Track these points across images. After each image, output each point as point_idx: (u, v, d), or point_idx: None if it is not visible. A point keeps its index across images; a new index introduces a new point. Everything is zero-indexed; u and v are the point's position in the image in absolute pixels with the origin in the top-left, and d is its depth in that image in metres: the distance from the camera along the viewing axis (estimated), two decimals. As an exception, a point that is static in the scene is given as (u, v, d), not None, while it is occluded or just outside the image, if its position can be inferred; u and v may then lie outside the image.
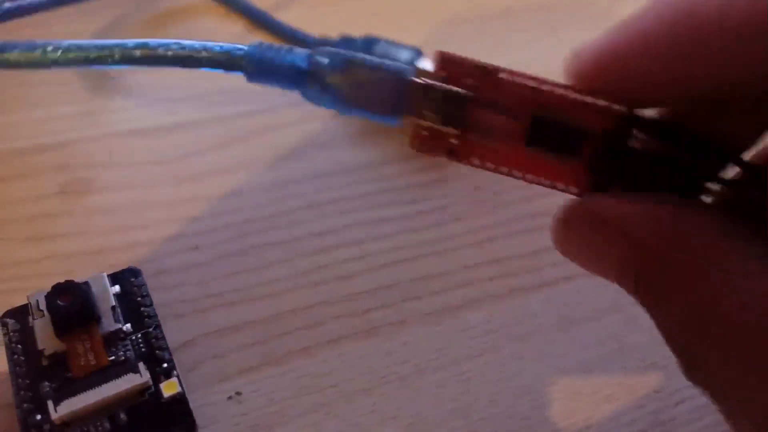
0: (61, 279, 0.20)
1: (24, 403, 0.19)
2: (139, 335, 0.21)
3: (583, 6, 0.37)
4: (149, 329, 0.21)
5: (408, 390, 0.21)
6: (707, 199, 0.16)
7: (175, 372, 0.20)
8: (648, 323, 0.22)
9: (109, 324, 0.21)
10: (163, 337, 0.21)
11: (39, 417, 0.19)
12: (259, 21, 0.33)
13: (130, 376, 0.19)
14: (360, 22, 0.34)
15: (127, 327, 0.21)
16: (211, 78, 0.31)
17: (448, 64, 0.16)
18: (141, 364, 0.20)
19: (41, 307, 0.20)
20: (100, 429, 0.19)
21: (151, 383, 0.20)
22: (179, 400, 0.20)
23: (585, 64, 0.15)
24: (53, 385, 0.19)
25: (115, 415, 0.19)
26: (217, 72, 0.18)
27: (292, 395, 0.21)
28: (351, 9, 0.35)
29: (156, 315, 0.21)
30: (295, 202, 0.26)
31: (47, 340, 0.20)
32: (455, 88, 0.16)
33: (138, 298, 0.22)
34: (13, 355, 0.20)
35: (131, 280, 0.22)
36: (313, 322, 0.23)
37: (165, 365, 0.20)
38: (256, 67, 0.18)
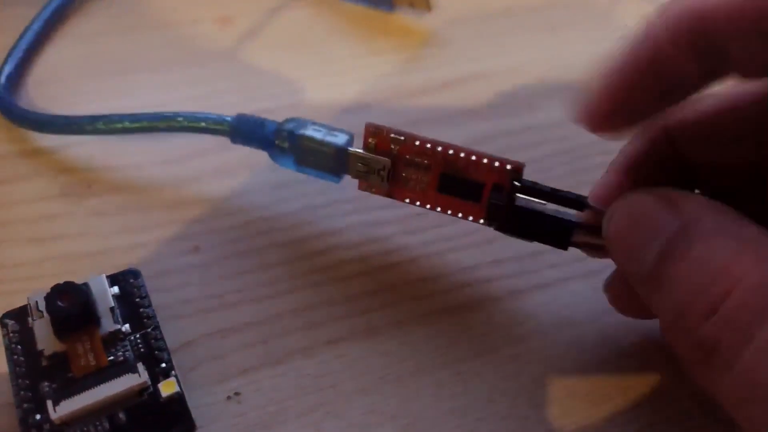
0: (61, 280, 0.21)
1: (24, 403, 0.19)
2: (138, 336, 0.21)
3: (583, 6, 0.37)
4: (148, 330, 0.21)
5: (406, 390, 0.21)
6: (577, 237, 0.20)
7: (173, 372, 0.20)
8: (644, 325, 0.23)
9: (108, 325, 0.21)
10: (162, 338, 0.21)
11: (39, 417, 0.19)
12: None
13: (128, 376, 0.19)
14: (361, 22, 0.34)
15: (126, 328, 0.21)
16: (211, 79, 0.31)
17: (375, 133, 0.21)
18: (140, 365, 0.20)
19: (41, 308, 0.20)
20: (99, 429, 0.19)
21: (149, 383, 0.20)
22: (177, 400, 0.20)
23: (590, 110, 0.19)
24: (53, 386, 0.20)
25: (114, 415, 0.19)
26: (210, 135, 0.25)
27: (291, 395, 0.21)
28: (350, 11, 0.35)
29: (155, 316, 0.22)
30: (294, 204, 0.26)
31: (47, 341, 0.20)
32: (380, 157, 0.21)
33: (137, 299, 0.22)
34: (12, 355, 0.20)
35: (131, 281, 0.22)
36: (313, 323, 0.23)
37: (163, 365, 0.20)
38: (237, 134, 0.24)
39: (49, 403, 0.19)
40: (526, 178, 0.20)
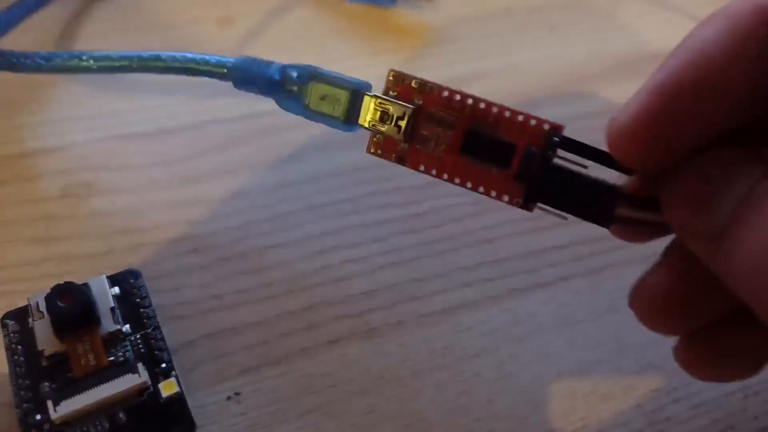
0: (62, 281, 0.21)
1: (24, 403, 0.19)
2: (138, 336, 0.21)
3: (583, 6, 0.37)
4: (148, 330, 0.21)
5: (406, 390, 0.21)
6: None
7: (173, 372, 0.20)
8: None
9: (108, 325, 0.21)
10: (162, 338, 0.21)
11: (39, 417, 0.19)
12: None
13: (129, 376, 0.20)
14: (361, 22, 0.34)
15: (126, 328, 0.21)
16: (210, 82, 0.31)
17: (398, 81, 0.18)
18: (140, 365, 0.20)
19: (41, 309, 0.20)
20: (99, 428, 0.19)
21: (149, 383, 0.20)
22: (177, 400, 0.20)
23: (620, 130, 0.16)
24: (53, 385, 0.20)
25: (114, 414, 0.19)
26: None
27: (291, 395, 0.21)
28: (351, 11, 0.35)
29: (155, 316, 0.22)
30: (294, 204, 0.26)
31: (47, 341, 0.20)
32: (402, 103, 0.18)
33: (137, 300, 0.22)
34: (13, 355, 0.20)
35: (131, 282, 0.22)
36: (313, 324, 0.23)
37: (164, 365, 0.20)
38: (240, 77, 0.22)
39: (50, 403, 0.19)
40: None
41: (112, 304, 0.21)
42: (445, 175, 0.18)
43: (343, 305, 0.23)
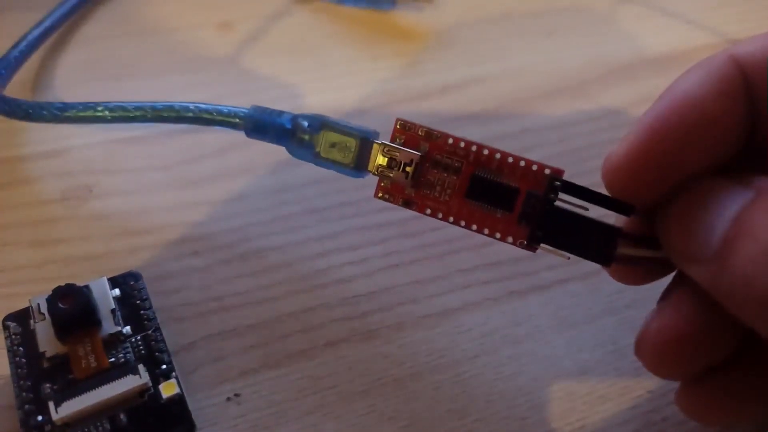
0: (63, 283, 0.21)
1: (25, 405, 0.19)
2: (139, 338, 0.21)
3: (581, 12, 0.37)
4: (149, 332, 0.21)
5: (405, 391, 0.22)
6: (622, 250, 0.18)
7: (174, 374, 0.20)
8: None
9: (109, 327, 0.21)
10: (163, 340, 0.21)
11: (40, 418, 0.19)
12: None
13: (129, 377, 0.20)
14: (360, 27, 0.35)
15: (126, 330, 0.21)
16: (211, 85, 0.31)
17: (405, 129, 0.19)
18: (140, 366, 0.20)
19: (42, 311, 0.21)
20: (100, 430, 0.19)
21: (150, 385, 0.20)
22: (178, 402, 0.20)
23: (613, 165, 0.18)
24: (54, 387, 0.20)
25: (115, 416, 0.19)
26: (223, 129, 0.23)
27: (291, 397, 0.21)
28: (350, 15, 0.35)
29: (155, 318, 0.22)
30: (294, 207, 0.26)
31: (48, 343, 0.20)
32: (410, 150, 0.19)
33: (138, 302, 0.22)
34: (14, 357, 0.20)
35: (131, 284, 0.22)
36: (312, 325, 0.23)
37: (164, 367, 0.21)
38: (253, 127, 0.22)
39: (51, 404, 0.19)
40: None
41: (113, 306, 0.21)
42: (451, 218, 0.19)
43: (343, 307, 0.24)
